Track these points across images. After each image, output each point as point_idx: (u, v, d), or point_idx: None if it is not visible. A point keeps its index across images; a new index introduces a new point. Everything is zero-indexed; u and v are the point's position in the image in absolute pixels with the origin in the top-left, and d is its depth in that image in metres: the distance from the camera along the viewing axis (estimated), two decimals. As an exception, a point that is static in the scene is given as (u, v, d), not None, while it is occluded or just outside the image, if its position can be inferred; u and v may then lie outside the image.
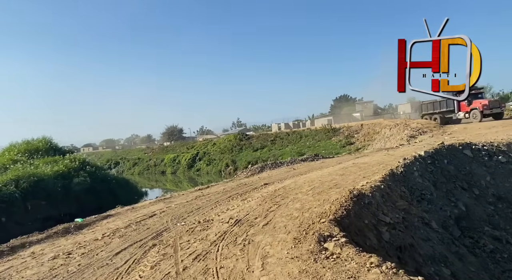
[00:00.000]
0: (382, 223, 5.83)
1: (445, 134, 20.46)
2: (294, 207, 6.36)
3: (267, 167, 13.28)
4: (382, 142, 26.36)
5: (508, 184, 9.21)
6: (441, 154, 9.47)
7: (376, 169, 9.23)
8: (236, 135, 48.54)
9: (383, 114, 57.56)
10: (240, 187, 9.44)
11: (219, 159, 42.59)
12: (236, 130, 75.11)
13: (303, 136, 38.85)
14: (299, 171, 11.16)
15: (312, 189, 7.61)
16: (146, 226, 6.82)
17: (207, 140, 58.79)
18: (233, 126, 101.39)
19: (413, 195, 7.64)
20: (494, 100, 26.82)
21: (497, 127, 18.29)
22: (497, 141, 11.36)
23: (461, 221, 7.58)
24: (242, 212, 6.50)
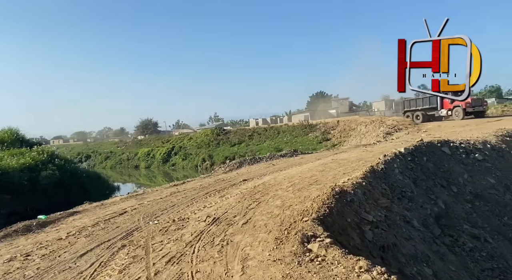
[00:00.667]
0: (365, 222, 5.64)
1: (420, 131, 20.78)
2: (275, 205, 6.08)
3: (246, 163, 12.94)
4: (358, 138, 26.57)
5: (485, 181, 9.29)
6: (421, 151, 9.44)
7: (355, 165, 9.09)
8: (213, 130, 47.94)
9: (358, 111, 58.39)
10: (218, 183, 9.07)
11: (195, 153, 41.93)
12: (213, 125, 74.37)
13: (281, 131, 38.79)
14: (279, 167, 10.91)
15: (293, 186, 7.36)
16: (115, 224, 6.36)
17: (183, 134, 57.85)
18: (210, 121, 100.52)
19: (394, 192, 7.51)
20: (477, 98, 27.21)
21: (470, 125, 18.68)
22: (473, 139, 11.49)
23: (441, 219, 7.53)
24: (220, 209, 6.16)
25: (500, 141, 11.63)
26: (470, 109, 24.62)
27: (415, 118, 28.05)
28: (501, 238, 7.58)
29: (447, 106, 25.78)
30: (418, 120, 27.72)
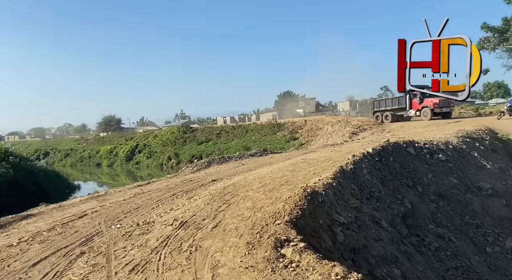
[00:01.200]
0: (336, 223, 5.57)
1: (384, 131, 21.33)
2: (245, 206, 5.89)
3: (215, 162, 12.64)
4: (325, 138, 26.94)
5: (448, 181, 9.57)
6: (387, 152, 9.58)
7: (325, 165, 9.08)
8: (180, 127, 47.04)
9: (324, 111, 59.51)
10: (185, 184, 8.74)
11: (160, 152, 40.92)
12: (179, 122, 73.15)
13: (249, 130, 38.65)
14: (248, 167, 10.71)
15: (263, 186, 7.20)
16: (74, 229, 5.91)
17: (148, 131, 56.40)
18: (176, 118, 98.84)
19: (363, 192, 7.54)
20: (445, 99, 27.34)
21: (432, 126, 19.36)
22: (436, 139, 11.85)
23: (408, 219, 7.65)
24: (188, 212, 5.88)
25: (461, 142, 12.08)
26: (438, 110, 25.00)
27: (385, 118, 28.54)
28: (464, 237, 7.82)
29: (416, 106, 26.23)
30: (387, 120, 28.23)
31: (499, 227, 8.86)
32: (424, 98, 25.64)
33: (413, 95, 26.41)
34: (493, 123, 18.16)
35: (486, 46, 27.22)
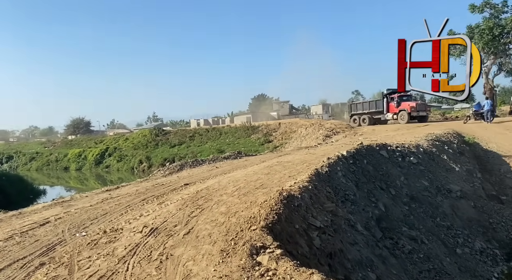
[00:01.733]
0: (313, 228, 5.46)
1: (357, 134, 21.64)
2: (219, 211, 5.68)
3: (187, 165, 12.31)
4: (298, 140, 27.06)
5: (419, 184, 9.72)
6: (361, 154, 9.62)
7: (300, 168, 9.00)
8: (152, 130, 46.07)
9: (298, 114, 60.02)
10: (156, 188, 8.40)
11: (131, 155, 39.87)
12: (151, 125, 71.72)
13: (223, 133, 38.35)
14: (222, 170, 10.48)
15: (238, 190, 7.01)
16: (34, 237, 5.49)
17: (118, 134, 54.93)
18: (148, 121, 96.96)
19: (338, 195, 7.50)
20: (421, 103, 28.32)
21: (402, 130, 19.82)
22: (407, 142, 12.07)
23: (382, 222, 7.67)
24: (159, 218, 5.60)
25: (431, 145, 12.37)
26: (414, 114, 25.33)
27: (362, 121, 28.84)
28: (435, 239, 7.92)
29: (393, 110, 26.59)
30: (364, 123, 28.53)
31: (468, 229, 9.07)
32: (401, 101, 26.06)
33: (390, 99, 26.84)
34: (459, 127, 18.81)
35: (452, 52, 28.21)
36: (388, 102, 27.09)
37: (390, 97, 26.99)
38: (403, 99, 26.30)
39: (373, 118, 28.36)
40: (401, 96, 26.28)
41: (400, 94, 26.39)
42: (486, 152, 14.86)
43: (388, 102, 27.09)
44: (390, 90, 27.06)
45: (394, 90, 27.22)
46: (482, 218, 9.69)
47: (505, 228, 9.47)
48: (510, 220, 9.72)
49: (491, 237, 9.18)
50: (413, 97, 27.94)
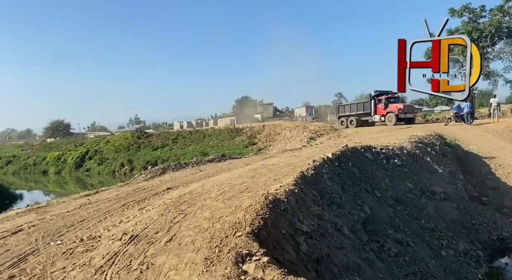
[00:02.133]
0: (299, 232, 5.33)
1: (340, 137, 21.72)
2: (203, 217, 5.48)
3: (170, 169, 11.99)
4: (283, 143, 27.02)
5: (404, 186, 9.74)
6: (346, 157, 9.57)
7: (285, 171, 8.88)
8: (134, 133, 45.27)
9: (282, 116, 60.17)
10: (137, 193, 8.11)
11: (113, 158, 39.05)
12: (133, 127, 70.66)
13: (207, 135, 37.98)
14: (206, 173, 10.24)
15: (222, 194, 6.82)
16: (4, 247, 5.15)
17: (99, 137, 53.80)
18: (130, 123, 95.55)
19: (324, 198, 7.40)
20: (408, 105, 28.28)
21: (385, 132, 20.00)
22: (391, 145, 12.11)
23: (368, 225, 7.61)
24: (140, 225, 5.36)
25: (414, 147, 12.46)
26: (402, 116, 25.40)
27: (350, 123, 28.87)
28: (420, 241, 7.91)
29: (380, 112, 26.60)
30: (352, 125, 28.57)
31: (452, 230, 9.12)
32: (388, 103, 26.06)
33: (377, 101, 26.92)
34: (441, 129, 19.12)
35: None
36: (375, 104, 27.14)
37: (378, 99, 27.06)
38: (390, 101, 26.35)
39: (360, 120, 28.40)
40: (389, 98, 26.43)
41: (388, 95, 26.60)
42: (467, 154, 15.10)
43: (375, 104, 27.14)
44: (378, 92, 27.23)
45: (382, 92, 27.29)
46: (465, 219, 9.77)
47: (487, 229, 9.56)
48: (492, 221, 9.83)
49: (474, 239, 9.26)
50: (400, 99, 28.07)
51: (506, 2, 24.37)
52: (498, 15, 24.40)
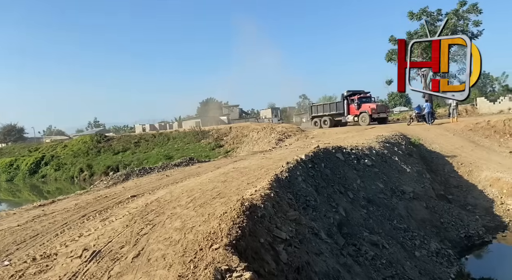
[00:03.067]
0: (278, 240, 5.01)
1: (308, 137, 21.76)
2: (174, 227, 5.03)
3: (134, 174, 11.26)
4: (251, 145, 26.71)
5: (375, 186, 9.72)
6: (319, 158, 9.40)
7: (258, 174, 8.56)
8: (93, 136, 43.22)
9: (248, 118, 60.00)
10: (99, 202, 7.44)
11: (71, 163, 37.01)
12: (93, 131, 67.65)
13: (171, 138, 36.90)
14: (174, 178, 9.67)
15: (193, 201, 6.38)
16: None
17: (56, 141, 51.04)
18: (89, 127, 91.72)
19: (299, 202, 7.16)
20: (382, 105, 28.28)
21: (351, 132, 20.22)
22: (360, 145, 12.14)
23: (343, 227, 7.44)
24: (102, 238, 4.81)
25: (382, 147, 12.57)
26: (375, 115, 25.39)
27: (323, 123, 28.65)
28: (395, 243, 7.86)
29: (354, 112, 26.46)
30: (326, 125, 28.36)
31: (423, 230, 9.19)
32: (361, 103, 25.97)
33: (350, 101, 26.85)
34: (404, 129, 19.61)
35: (393, 57, 29.66)
36: (348, 104, 27.00)
37: (350, 99, 26.94)
38: (363, 100, 26.30)
39: (334, 120, 28.25)
40: (361, 97, 26.45)
41: (360, 95, 26.65)
42: (430, 153, 15.53)
43: (348, 104, 27.00)
44: (350, 92, 27.17)
45: (354, 92, 27.34)
46: (434, 218, 9.91)
47: (455, 227, 9.75)
48: (459, 219, 10.04)
49: (444, 237, 9.39)
50: (372, 98, 28.22)
51: (461, 6, 25.61)
52: (453, 18, 25.55)
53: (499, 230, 10.18)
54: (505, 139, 16.73)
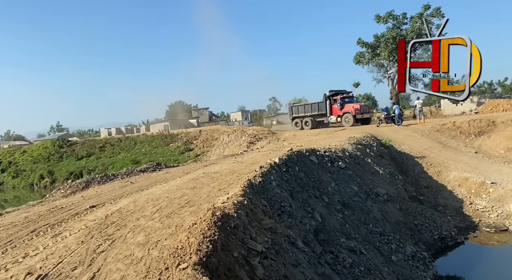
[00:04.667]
0: (253, 253, 4.58)
1: (280, 140, 21.53)
2: (136, 242, 4.49)
3: (95, 182, 10.40)
4: (221, 148, 26.19)
5: (349, 189, 9.49)
6: (293, 161, 9.07)
7: (230, 179, 8.10)
8: (55, 141, 41.10)
9: (218, 121, 59.27)
10: (53, 214, 6.67)
11: (31, 170, 34.97)
12: (55, 136, 64.43)
13: (138, 142, 35.65)
14: (139, 186, 8.98)
15: (159, 211, 5.84)
16: None
17: (14, 147, 48.06)
18: (51, 131, 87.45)
19: (273, 208, 6.76)
20: (365, 105, 27.49)
21: (322, 134, 20.17)
22: (333, 147, 11.94)
23: (319, 234, 7.10)
24: (52, 258, 4.19)
25: (355, 149, 12.44)
26: (359, 116, 24.73)
27: (304, 124, 27.58)
28: (371, 248, 7.61)
29: (336, 112, 25.64)
30: (307, 126, 27.31)
31: (398, 233, 9.04)
32: (344, 103, 25.21)
33: (333, 101, 26.00)
34: (373, 130, 19.75)
35: (361, 60, 30.11)
36: (331, 104, 26.15)
37: (333, 99, 26.11)
38: (345, 101, 25.56)
39: (315, 120, 27.32)
40: (344, 97, 25.75)
41: (343, 95, 25.95)
42: (400, 154, 15.63)
43: (331, 104, 26.15)
44: (333, 92, 26.33)
45: (337, 92, 26.52)
46: (408, 220, 9.82)
47: (428, 229, 9.70)
48: (432, 221, 10.02)
49: (418, 239, 9.30)
50: (355, 98, 27.34)
51: (425, 10, 26.34)
52: (418, 22, 26.22)
53: (470, 231, 10.25)
54: (471, 139, 17.19)
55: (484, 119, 17.89)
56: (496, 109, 24.61)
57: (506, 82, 53.92)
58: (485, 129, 17.36)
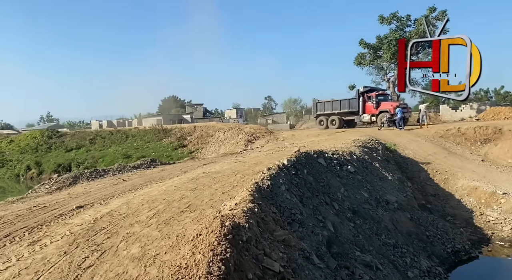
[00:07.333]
0: (269, 274, 3.86)
1: (278, 139, 20.82)
2: (130, 255, 3.75)
3: (84, 177, 9.46)
4: (217, 145, 25.38)
5: (359, 196, 8.82)
6: (301, 163, 8.36)
7: (233, 180, 7.37)
8: (44, 132, 39.84)
9: (212, 117, 58.38)
10: (33, 214, 5.84)
11: (17, 160, 33.76)
12: (45, 126, 62.93)
13: (130, 136, 34.60)
14: (132, 184, 8.13)
15: (156, 215, 5.09)
16: None
17: (1, 136, 46.63)
18: (41, 121, 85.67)
19: (283, 216, 6.04)
20: (404, 104, 24.50)
21: (323, 135, 19.48)
22: (340, 149, 11.27)
23: (333, 246, 6.40)
24: (26, 274, 3.42)
25: (362, 152, 11.78)
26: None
27: (330, 123, 25.05)
28: (387, 262, 6.94)
29: (371, 111, 23.18)
30: (333, 125, 24.84)
31: (411, 245, 8.40)
32: (380, 101, 22.88)
33: (367, 98, 23.57)
34: (375, 133, 19.12)
35: (362, 61, 29.55)
36: (364, 101, 23.64)
37: (367, 96, 23.57)
38: (381, 99, 23.12)
39: (343, 119, 24.76)
40: (379, 95, 23.37)
41: (378, 92, 23.70)
42: (404, 159, 15.03)
43: (364, 101, 23.64)
44: (368, 88, 23.94)
45: (372, 88, 24.27)
46: (419, 231, 9.18)
47: (441, 241, 9.07)
48: (444, 232, 9.39)
49: (431, 252, 8.66)
50: (389, 97, 24.81)
51: (431, 12, 25.84)
52: (422, 24, 25.70)
53: (483, 244, 9.65)
54: (476, 146, 16.67)
55: (490, 126, 17.37)
56: (498, 116, 24.21)
57: (502, 91, 53.92)
58: (491, 136, 16.85)
